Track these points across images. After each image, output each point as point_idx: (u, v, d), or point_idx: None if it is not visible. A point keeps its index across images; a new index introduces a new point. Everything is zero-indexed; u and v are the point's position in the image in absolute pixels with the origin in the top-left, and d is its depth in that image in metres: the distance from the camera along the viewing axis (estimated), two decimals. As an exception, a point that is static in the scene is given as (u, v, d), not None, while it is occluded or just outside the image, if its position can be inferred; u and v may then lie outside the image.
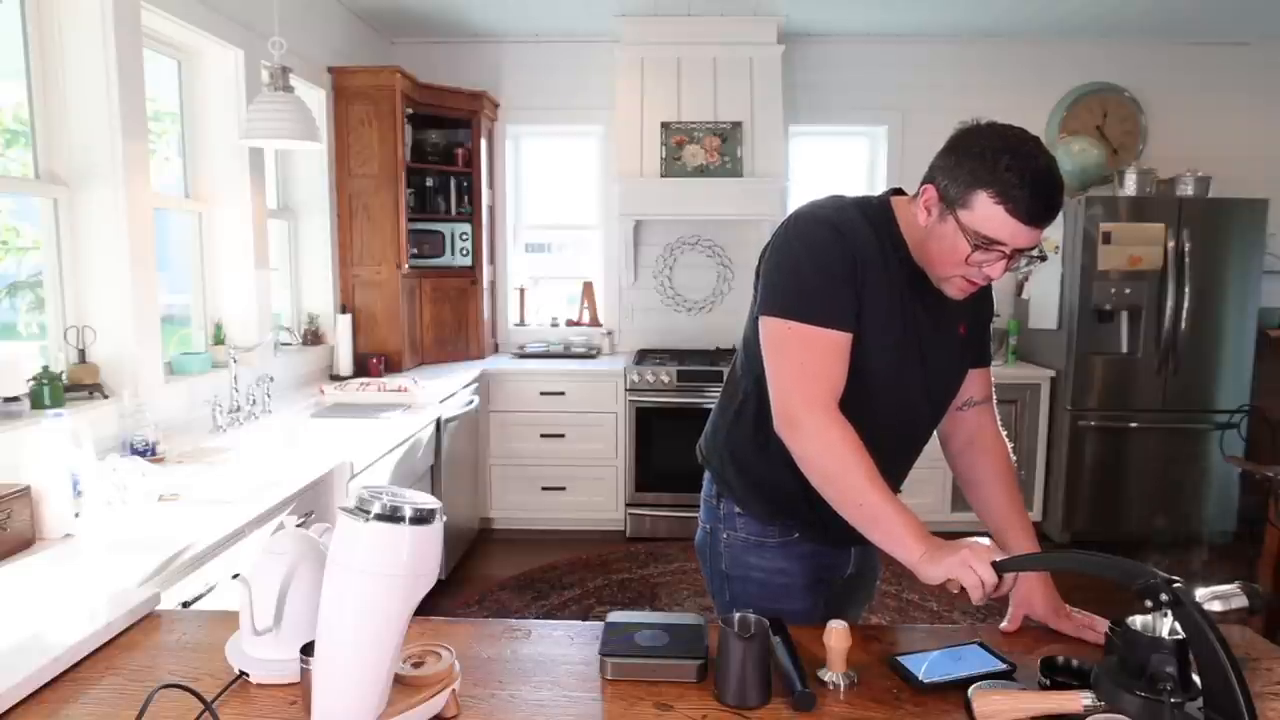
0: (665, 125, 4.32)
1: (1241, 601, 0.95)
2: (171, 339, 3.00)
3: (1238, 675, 0.84)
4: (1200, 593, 0.98)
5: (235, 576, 1.12)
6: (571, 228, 5.00)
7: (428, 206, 4.28)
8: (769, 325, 1.28)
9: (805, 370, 1.24)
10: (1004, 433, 1.51)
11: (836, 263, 1.25)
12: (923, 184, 1.25)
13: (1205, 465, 4.15)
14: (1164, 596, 0.88)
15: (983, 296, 1.41)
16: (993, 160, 1.15)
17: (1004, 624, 1.30)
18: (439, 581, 3.50)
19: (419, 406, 3.29)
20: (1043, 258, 1.25)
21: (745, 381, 1.43)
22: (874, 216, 1.31)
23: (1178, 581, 0.87)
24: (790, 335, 1.25)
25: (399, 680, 0.98)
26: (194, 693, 0.98)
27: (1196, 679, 0.90)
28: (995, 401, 1.52)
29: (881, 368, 1.31)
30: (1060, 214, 4.12)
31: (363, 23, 4.27)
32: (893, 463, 1.39)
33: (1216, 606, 0.94)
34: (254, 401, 2.87)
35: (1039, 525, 4.39)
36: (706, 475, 1.56)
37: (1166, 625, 0.92)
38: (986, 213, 1.17)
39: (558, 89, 4.67)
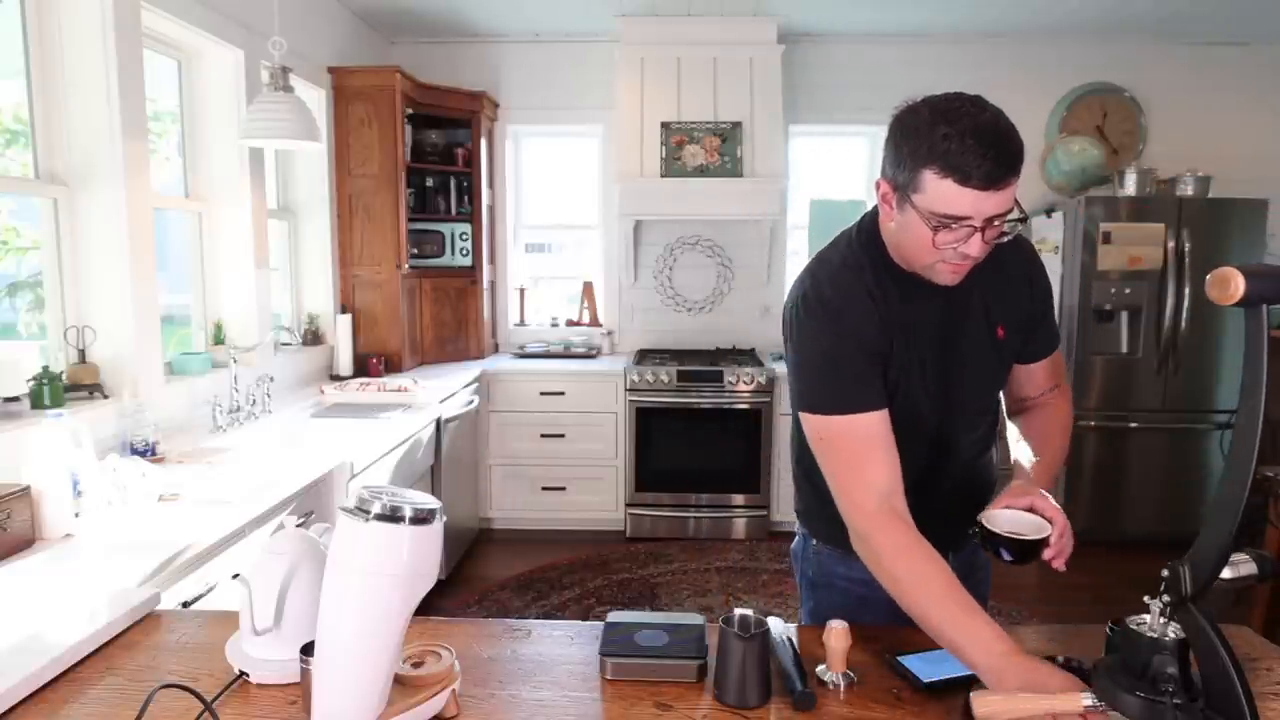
0: (665, 125, 4.32)
1: (1251, 569, 0.93)
2: (171, 339, 2.99)
3: (1240, 677, 0.84)
4: None
5: (235, 576, 1.12)
6: (571, 228, 5.00)
7: (428, 206, 4.28)
8: (808, 422, 1.25)
9: (852, 467, 1.19)
10: (1070, 410, 1.48)
11: (850, 352, 1.21)
12: (877, 181, 1.19)
13: (1205, 465, 4.15)
14: (1170, 596, 0.88)
15: (1010, 292, 1.37)
16: (929, 133, 1.07)
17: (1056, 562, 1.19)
18: (439, 581, 3.50)
19: (419, 406, 3.29)
20: (1022, 219, 1.14)
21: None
22: (866, 250, 1.26)
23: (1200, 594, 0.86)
24: (830, 429, 1.21)
25: (399, 680, 0.98)
26: (194, 693, 0.98)
27: (1197, 679, 0.90)
28: (1065, 388, 1.50)
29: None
30: (1061, 215, 4.22)
31: (363, 23, 4.27)
32: (928, 467, 1.32)
33: (1226, 574, 0.91)
34: (254, 401, 2.87)
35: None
36: None
37: (1166, 624, 0.91)
38: (938, 190, 1.08)
39: (558, 89, 4.67)
